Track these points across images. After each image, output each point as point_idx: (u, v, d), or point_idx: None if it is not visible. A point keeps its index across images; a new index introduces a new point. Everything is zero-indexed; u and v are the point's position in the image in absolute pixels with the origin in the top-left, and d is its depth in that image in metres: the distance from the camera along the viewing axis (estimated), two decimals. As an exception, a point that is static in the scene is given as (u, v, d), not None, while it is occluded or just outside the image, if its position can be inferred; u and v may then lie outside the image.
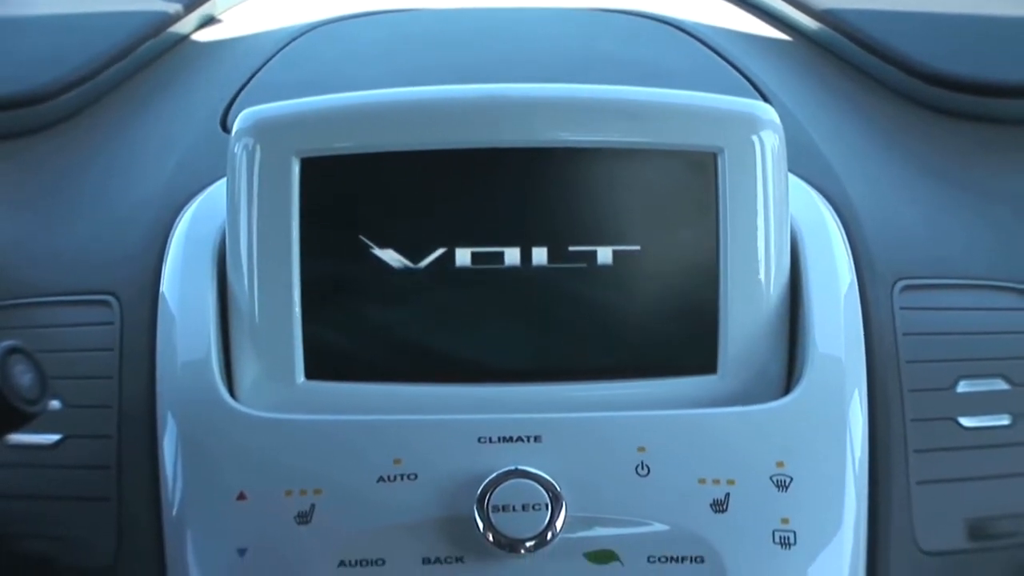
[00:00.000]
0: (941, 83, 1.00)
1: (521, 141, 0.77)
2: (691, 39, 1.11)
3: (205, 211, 0.83)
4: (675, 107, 0.78)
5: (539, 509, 0.71)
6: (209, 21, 1.23)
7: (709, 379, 0.77)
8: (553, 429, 0.74)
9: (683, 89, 0.79)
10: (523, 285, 0.77)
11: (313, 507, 0.72)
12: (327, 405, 0.76)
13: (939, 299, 0.82)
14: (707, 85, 0.83)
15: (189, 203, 0.84)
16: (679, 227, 0.77)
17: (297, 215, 0.76)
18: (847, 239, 0.82)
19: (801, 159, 0.86)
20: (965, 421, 0.78)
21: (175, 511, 0.74)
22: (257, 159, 0.76)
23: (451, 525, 0.72)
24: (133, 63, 1.07)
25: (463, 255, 0.77)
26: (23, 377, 0.67)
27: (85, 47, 1.05)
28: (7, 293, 0.82)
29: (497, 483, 0.72)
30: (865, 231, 0.83)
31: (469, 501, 0.72)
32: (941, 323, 0.81)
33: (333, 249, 0.77)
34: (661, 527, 0.73)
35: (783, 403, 0.75)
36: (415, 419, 0.74)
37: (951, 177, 0.93)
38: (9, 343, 0.66)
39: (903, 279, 0.82)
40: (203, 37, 1.19)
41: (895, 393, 0.78)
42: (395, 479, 0.73)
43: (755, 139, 0.77)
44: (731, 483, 0.73)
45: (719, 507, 0.73)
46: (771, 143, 0.77)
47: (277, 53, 1.08)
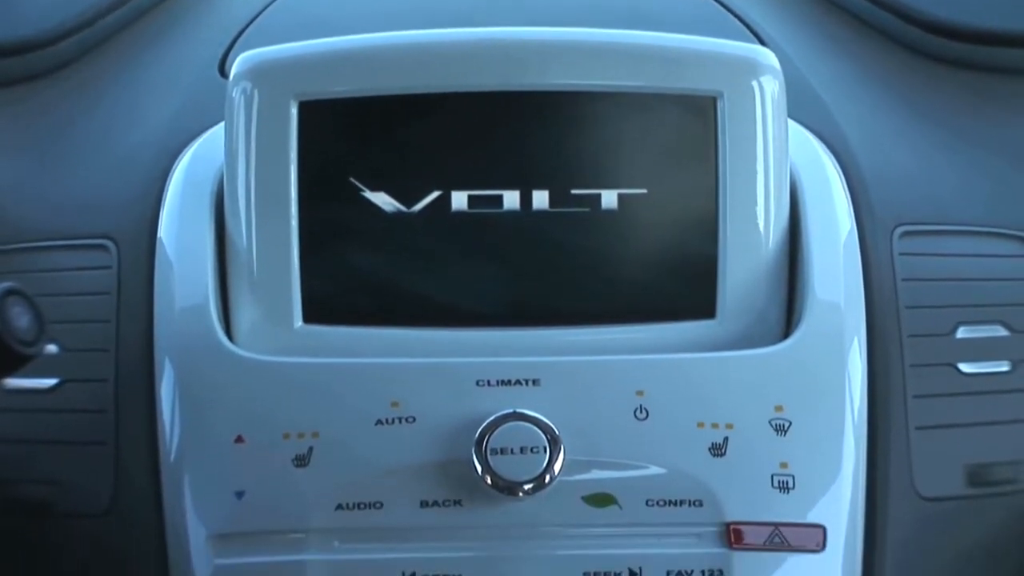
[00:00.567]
0: (940, 31, 0.99)
1: (520, 84, 0.76)
2: None
3: (203, 155, 0.82)
4: (675, 51, 0.78)
5: (537, 452, 0.71)
6: None
7: (708, 324, 0.77)
8: (552, 373, 0.74)
9: (682, 34, 0.79)
10: (523, 229, 0.76)
11: (311, 450, 0.72)
12: (325, 349, 0.75)
13: (939, 245, 0.82)
14: (706, 31, 0.82)
15: (187, 147, 0.84)
16: (680, 172, 0.77)
17: (295, 159, 0.76)
18: (847, 185, 0.82)
19: (800, 105, 0.86)
20: (964, 367, 0.78)
21: (173, 455, 0.74)
22: (255, 103, 0.76)
23: (449, 468, 0.72)
24: (133, 9, 1.06)
25: (460, 199, 0.76)
26: (20, 319, 0.67)
27: None
28: (5, 237, 0.81)
29: (495, 426, 0.72)
30: (865, 177, 0.83)
31: (467, 444, 0.72)
32: (941, 269, 0.81)
33: (331, 193, 0.76)
34: (659, 471, 0.73)
35: (782, 347, 0.75)
36: (413, 362, 0.74)
37: (950, 125, 0.93)
38: (6, 285, 0.66)
39: (903, 225, 0.82)
40: None
41: (894, 338, 0.78)
42: (393, 422, 0.73)
43: (755, 84, 0.77)
44: (729, 427, 0.73)
45: (718, 451, 0.73)
46: (771, 88, 0.77)
47: None
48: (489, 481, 0.71)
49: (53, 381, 0.77)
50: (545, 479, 0.71)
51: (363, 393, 0.73)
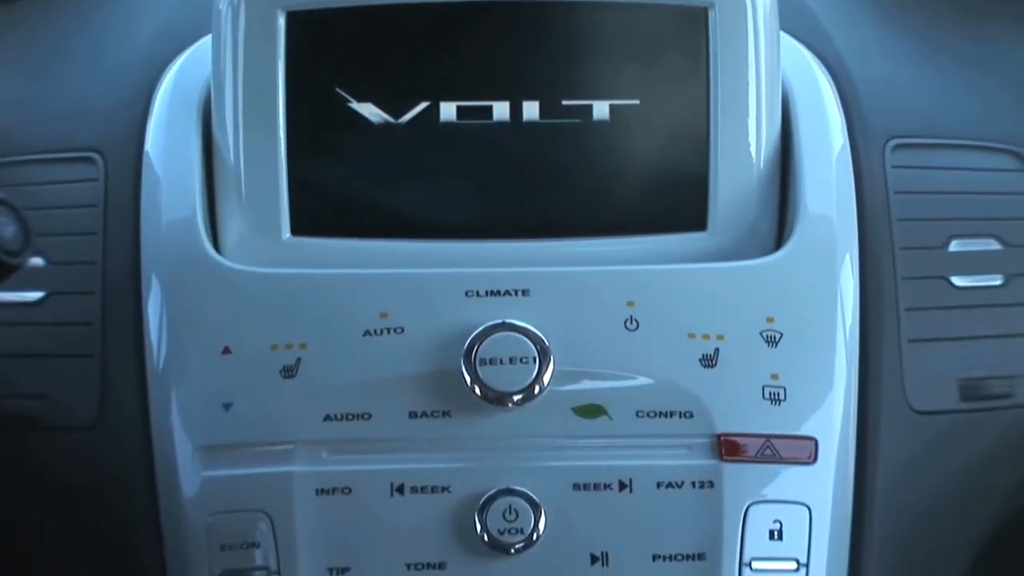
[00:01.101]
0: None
1: None
2: None
3: (190, 67, 0.82)
4: None
5: (527, 362, 0.71)
6: None
7: (699, 236, 0.76)
8: (541, 283, 0.73)
9: None
10: (512, 141, 0.76)
11: (299, 361, 0.72)
12: (313, 261, 0.75)
13: (931, 158, 0.81)
14: None
15: (174, 60, 0.83)
16: (672, 84, 0.76)
17: (282, 70, 0.75)
18: (839, 97, 0.81)
19: (792, 17, 0.85)
20: (957, 280, 0.78)
21: (159, 367, 0.73)
22: (242, 13, 0.75)
23: (438, 379, 0.72)
24: None
25: (448, 110, 0.76)
26: (5, 228, 0.66)
27: None
28: None
29: (484, 336, 0.71)
30: (857, 89, 0.82)
31: (456, 355, 0.71)
32: (933, 182, 0.80)
33: (318, 104, 0.76)
34: (649, 382, 0.72)
35: (773, 259, 0.74)
36: (402, 273, 0.74)
37: (943, 43, 0.92)
38: None
39: (895, 138, 0.81)
40: None
41: (886, 251, 0.77)
42: (381, 333, 0.72)
43: None
44: (720, 338, 0.73)
45: (708, 362, 0.72)
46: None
47: None
48: (478, 392, 0.71)
49: (39, 294, 0.76)
50: (534, 390, 0.71)
51: (351, 304, 0.73)
